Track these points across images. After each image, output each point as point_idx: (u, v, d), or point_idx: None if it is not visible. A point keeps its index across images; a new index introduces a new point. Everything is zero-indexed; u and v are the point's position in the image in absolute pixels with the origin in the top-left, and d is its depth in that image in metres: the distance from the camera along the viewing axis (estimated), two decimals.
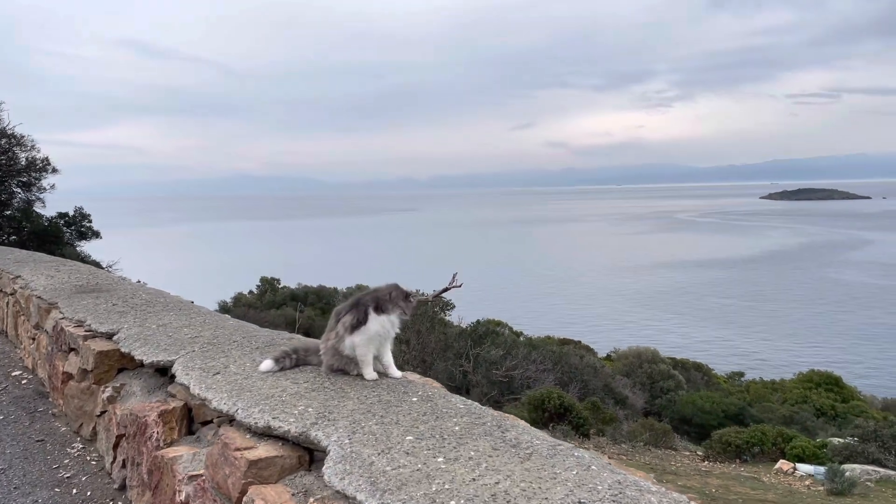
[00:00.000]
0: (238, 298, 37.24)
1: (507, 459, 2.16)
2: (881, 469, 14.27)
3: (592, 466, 2.12)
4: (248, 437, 2.63)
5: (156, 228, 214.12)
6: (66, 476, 3.97)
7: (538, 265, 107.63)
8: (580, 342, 35.39)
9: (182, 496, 2.84)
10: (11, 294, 7.44)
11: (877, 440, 15.97)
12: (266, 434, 2.61)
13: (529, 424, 2.63)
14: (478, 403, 2.76)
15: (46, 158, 20.83)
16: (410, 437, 2.34)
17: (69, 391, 4.73)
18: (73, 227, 21.97)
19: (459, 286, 13.87)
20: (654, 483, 2.03)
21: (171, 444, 3.26)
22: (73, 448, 4.40)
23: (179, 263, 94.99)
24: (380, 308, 2.99)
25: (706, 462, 15.85)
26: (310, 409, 2.63)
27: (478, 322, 23.54)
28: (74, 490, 3.79)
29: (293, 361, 3.29)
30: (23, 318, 6.79)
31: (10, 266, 8.15)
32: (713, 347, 53.53)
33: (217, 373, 3.26)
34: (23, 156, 20.56)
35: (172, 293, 6.16)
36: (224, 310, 27.19)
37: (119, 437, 3.79)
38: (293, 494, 2.33)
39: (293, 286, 40.39)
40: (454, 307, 22.97)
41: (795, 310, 69.94)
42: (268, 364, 3.23)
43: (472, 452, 2.22)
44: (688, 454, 16.95)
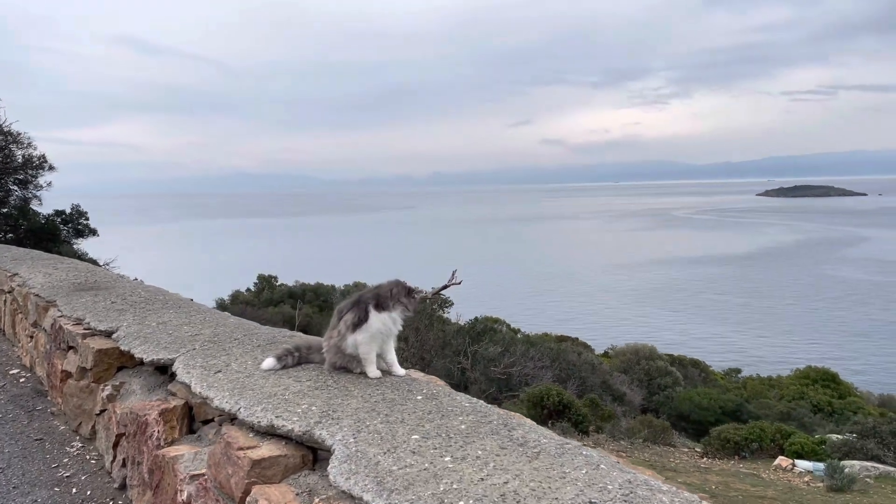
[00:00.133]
0: (236, 296, 37.18)
1: (515, 458, 2.14)
2: (880, 465, 14.28)
3: (601, 465, 2.09)
4: (251, 436, 2.60)
5: (153, 226, 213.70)
6: (66, 475, 3.94)
7: (535, 262, 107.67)
8: (577, 339, 35.41)
9: (184, 496, 2.81)
10: (9, 292, 7.39)
11: (875, 436, 15.98)
12: (269, 433, 2.58)
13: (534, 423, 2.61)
14: (483, 402, 2.73)
15: (43, 156, 20.76)
16: (416, 436, 2.32)
17: (68, 390, 4.69)
18: (70, 225, 21.89)
19: (459, 283, 13.84)
20: (664, 482, 2.01)
21: (172, 444, 3.23)
22: (73, 447, 4.36)
23: (177, 261, 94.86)
24: (381, 305, 2.95)
25: (705, 459, 15.85)
26: (313, 408, 2.60)
27: (476, 319, 23.51)
28: (74, 489, 3.75)
29: (295, 359, 3.26)
30: (21, 316, 6.74)
31: (8, 264, 8.10)
32: (710, 344, 53.64)
33: (218, 371, 3.23)
34: (19, 153, 20.48)
35: (171, 291, 6.12)
36: (222, 307, 27.13)
37: (119, 436, 3.76)
38: (297, 494, 2.30)
39: (291, 284, 40.35)
40: (452, 304, 22.94)
41: (792, 306, 70.11)
42: (270, 362, 3.19)
43: (480, 451, 2.19)
44: (686, 451, 16.96)
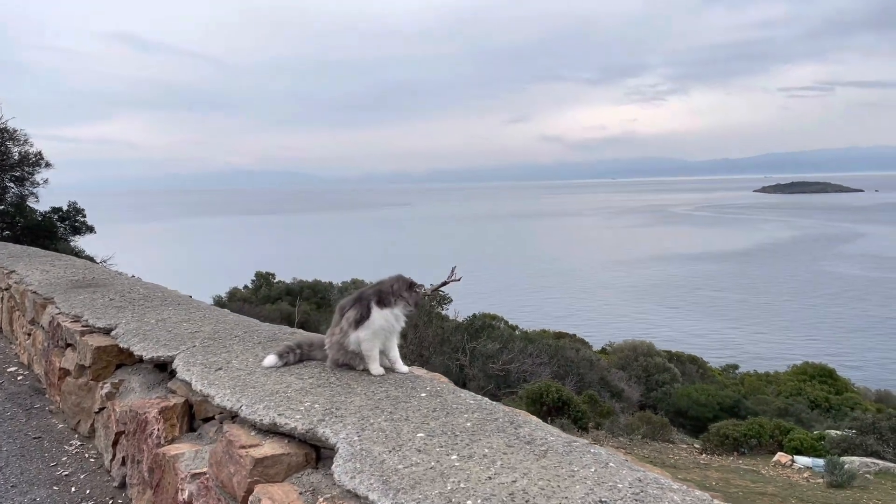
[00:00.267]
0: (233, 293, 37.13)
1: (523, 457, 2.10)
2: (880, 461, 14.28)
3: (610, 463, 2.06)
4: (253, 435, 2.57)
5: (150, 223, 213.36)
6: (65, 474, 3.90)
7: (533, 259, 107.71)
8: (575, 335, 35.44)
9: (185, 495, 2.78)
10: (6, 289, 7.34)
11: (875, 432, 15.98)
12: (271, 431, 2.54)
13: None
14: (488, 399, 2.70)
15: (39, 153, 20.70)
16: (421, 434, 2.28)
17: (66, 387, 4.66)
18: (67, 222, 21.83)
19: (458, 280, 13.81)
20: (675, 480, 1.98)
21: (173, 442, 3.20)
22: (71, 445, 4.32)
23: (174, 258, 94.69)
24: (383, 301, 2.91)
25: (704, 455, 15.87)
26: (316, 406, 2.57)
27: (474, 316, 23.50)
28: (73, 488, 3.72)
29: (297, 356, 3.22)
30: (18, 314, 6.70)
31: (5, 261, 8.05)
32: (707, 340, 53.72)
33: (219, 368, 3.19)
34: (15, 150, 20.41)
35: (169, 288, 6.08)
36: (219, 304, 27.08)
37: (118, 435, 3.72)
38: (301, 493, 2.27)
39: (288, 280, 40.30)
40: (451, 301, 22.92)
41: (789, 302, 70.24)
42: (271, 359, 3.16)
43: (486, 450, 2.16)
44: (685, 447, 16.97)
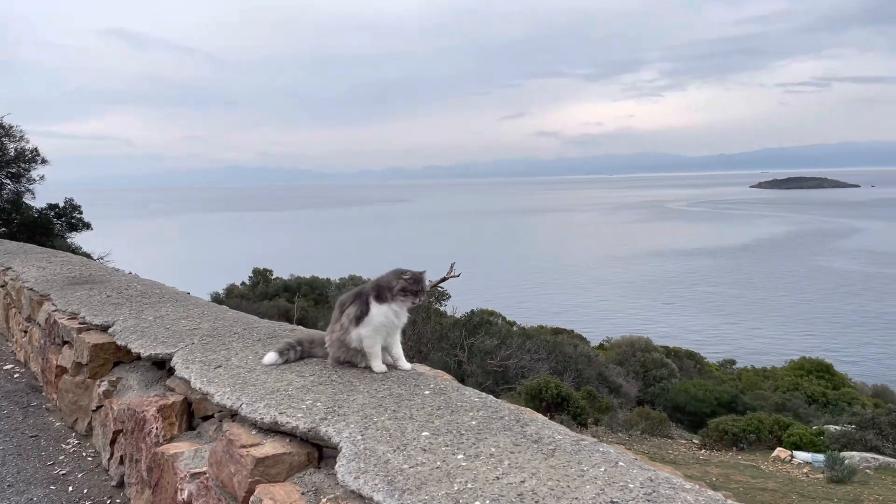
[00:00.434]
0: (230, 290, 37.03)
1: (531, 456, 2.06)
2: (879, 456, 14.28)
3: (620, 463, 2.02)
4: (254, 434, 2.52)
5: (146, 220, 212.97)
6: (62, 473, 3.85)
7: (530, 255, 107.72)
8: (573, 331, 35.42)
9: (184, 495, 2.73)
10: (2, 286, 7.29)
11: (874, 427, 15.98)
12: (272, 430, 2.50)
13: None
14: (492, 396, 2.66)
15: (35, 149, 20.58)
16: (426, 433, 2.24)
17: (63, 385, 4.61)
18: (64, 219, 21.72)
19: (458, 276, 13.78)
20: (687, 480, 1.94)
21: (171, 440, 3.15)
22: (69, 444, 4.28)
23: (171, 255, 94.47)
24: (381, 297, 2.85)
25: (703, 450, 15.86)
26: (318, 404, 2.53)
27: (472, 312, 23.47)
28: (70, 487, 3.67)
29: (298, 354, 3.17)
30: (14, 311, 6.65)
31: (1, 258, 8.00)
32: (704, 335, 53.78)
33: (219, 366, 3.15)
34: (11, 147, 20.30)
35: (166, 285, 6.03)
36: (217, 301, 26.99)
37: (116, 433, 3.68)
38: (303, 493, 2.22)
39: (286, 277, 40.21)
40: (449, 297, 22.89)
41: (785, 297, 70.34)
42: (271, 356, 3.11)
43: (493, 449, 2.11)
44: (684, 442, 16.97)
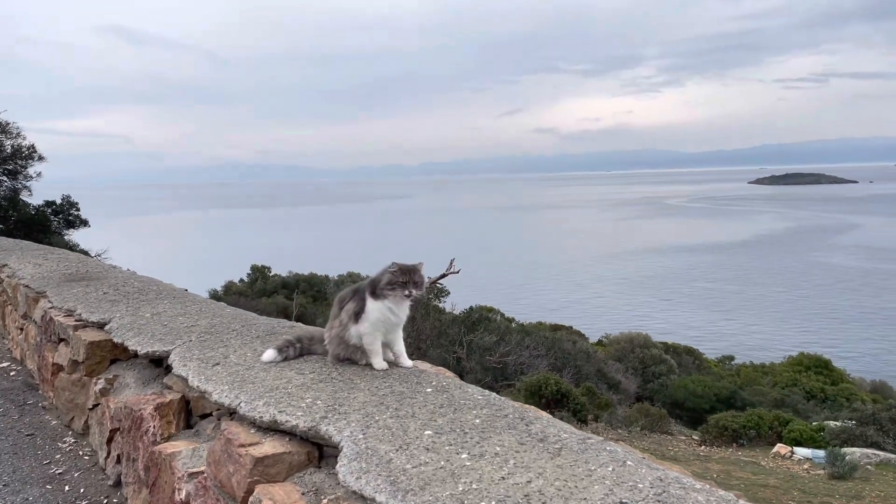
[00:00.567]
0: (229, 286, 37.02)
1: (536, 455, 2.01)
2: (880, 452, 14.24)
3: (628, 462, 1.97)
4: (253, 432, 2.47)
5: (144, 217, 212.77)
6: (58, 472, 3.80)
7: (528, 252, 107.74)
8: (572, 328, 35.41)
9: (182, 495, 2.69)
10: None
11: (875, 423, 15.93)
12: (272, 429, 2.45)
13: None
14: (496, 394, 2.61)
15: (32, 146, 20.53)
16: (429, 432, 2.19)
17: (60, 383, 4.56)
18: (61, 216, 21.66)
19: (457, 272, 13.73)
20: (697, 479, 1.89)
21: (169, 439, 3.11)
22: (65, 442, 4.23)
23: (168, 252, 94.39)
24: (376, 293, 2.79)
25: (703, 447, 15.84)
26: (318, 402, 2.48)
27: (471, 309, 23.45)
28: (67, 487, 3.62)
29: (297, 351, 3.12)
30: (10, 308, 6.60)
31: None
32: (703, 332, 53.82)
33: (216, 363, 3.10)
34: (8, 143, 20.23)
35: (164, 281, 5.98)
36: (215, 298, 26.93)
37: (113, 432, 3.63)
38: (303, 494, 2.17)
39: (284, 274, 40.21)
40: (448, 294, 22.85)
41: (784, 293, 70.43)
42: (270, 354, 3.06)
43: (498, 448, 2.07)
44: (684, 438, 16.95)
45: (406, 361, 2.97)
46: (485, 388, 2.72)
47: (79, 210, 22.14)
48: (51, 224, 20.89)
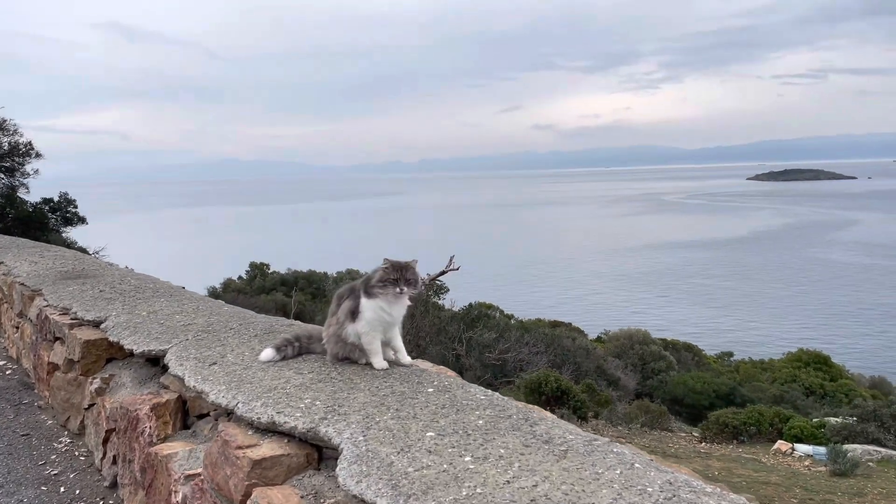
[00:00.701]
0: (227, 284, 36.94)
1: (542, 458, 1.96)
2: (882, 449, 14.21)
3: (636, 464, 1.92)
4: (251, 434, 2.42)
5: (142, 214, 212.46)
6: (53, 473, 3.75)
7: (527, 248, 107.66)
8: (571, 324, 35.39)
9: (178, 497, 2.64)
10: None
11: (876, 420, 15.89)
12: (270, 430, 2.40)
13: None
14: (499, 394, 2.55)
15: (29, 143, 20.43)
16: (431, 433, 2.14)
17: (55, 382, 4.50)
18: (59, 213, 21.56)
19: (457, 269, 13.67)
20: (707, 482, 1.84)
21: (165, 440, 3.06)
22: (61, 443, 4.17)
23: (167, 249, 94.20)
24: (370, 291, 2.73)
25: (703, 443, 15.80)
26: (317, 403, 2.42)
27: (470, 305, 23.37)
28: (62, 488, 3.57)
29: (295, 350, 3.07)
30: (6, 306, 6.55)
31: None
32: (701, 328, 53.80)
33: (214, 363, 3.04)
34: (5, 140, 20.14)
35: (161, 279, 5.92)
36: (214, 296, 26.88)
37: (109, 432, 3.57)
38: (302, 497, 2.12)
39: (283, 271, 40.14)
40: (448, 291, 22.79)
41: (782, 289, 70.42)
42: (268, 353, 3.01)
43: (502, 450, 2.01)
44: (684, 435, 16.92)
45: (406, 358, 2.92)
46: (484, 386, 2.67)
47: (76, 207, 22.04)
48: (48, 221, 20.80)
